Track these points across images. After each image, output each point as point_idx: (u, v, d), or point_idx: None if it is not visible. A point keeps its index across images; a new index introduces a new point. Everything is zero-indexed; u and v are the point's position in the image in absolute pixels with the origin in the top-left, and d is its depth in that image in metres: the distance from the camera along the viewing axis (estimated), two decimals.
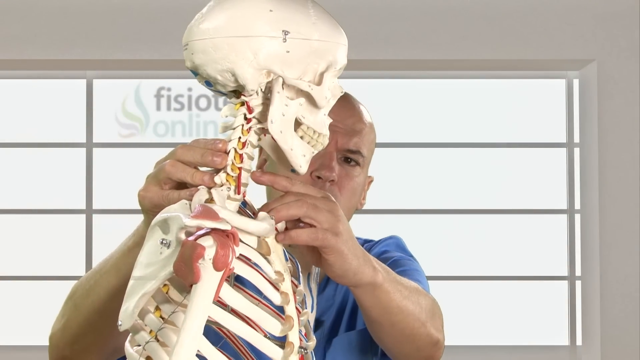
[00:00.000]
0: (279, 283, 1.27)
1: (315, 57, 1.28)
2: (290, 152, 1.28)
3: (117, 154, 4.40)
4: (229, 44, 1.24)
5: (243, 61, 1.25)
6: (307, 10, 1.28)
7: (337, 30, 1.32)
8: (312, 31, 1.27)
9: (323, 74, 1.29)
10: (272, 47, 1.25)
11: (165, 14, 4.21)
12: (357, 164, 1.79)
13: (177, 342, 1.16)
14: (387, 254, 1.84)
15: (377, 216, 4.30)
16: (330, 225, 1.34)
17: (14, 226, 4.37)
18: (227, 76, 1.27)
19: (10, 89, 4.40)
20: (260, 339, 1.22)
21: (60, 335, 1.59)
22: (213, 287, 1.16)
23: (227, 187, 1.27)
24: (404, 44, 4.25)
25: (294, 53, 1.26)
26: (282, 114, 1.26)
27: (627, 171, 4.25)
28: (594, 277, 4.28)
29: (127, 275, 1.28)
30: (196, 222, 1.17)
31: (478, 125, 4.44)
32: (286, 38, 1.25)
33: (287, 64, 1.26)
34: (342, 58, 1.32)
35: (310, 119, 1.29)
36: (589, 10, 4.25)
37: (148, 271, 1.20)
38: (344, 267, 1.37)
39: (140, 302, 1.20)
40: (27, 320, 4.28)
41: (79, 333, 1.56)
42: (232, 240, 1.18)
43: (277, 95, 1.26)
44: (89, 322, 1.54)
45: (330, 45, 1.29)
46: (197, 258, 1.14)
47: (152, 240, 1.21)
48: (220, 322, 1.20)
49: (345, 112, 1.79)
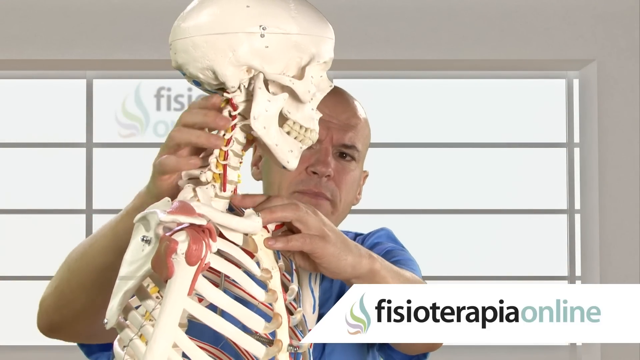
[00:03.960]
0: (267, 280, 1.26)
1: (296, 51, 1.27)
2: (275, 148, 1.28)
3: (117, 154, 4.40)
4: (208, 42, 1.25)
5: (222, 58, 1.25)
6: (287, 4, 1.27)
7: (321, 24, 1.30)
8: (291, 25, 1.26)
9: (305, 67, 1.28)
10: (250, 43, 1.25)
11: (165, 14, 4.20)
12: (353, 159, 1.79)
13: (152, 337, 1.16)
14: (380, 245, 1.84)
15: (377, 216, 4.30)
16: (318, 229, 1.34)
17: (14, 226, 4.37)
18: (208, 74, 1.27)
19: (10, 89, 4.40)
20: (240, 335, 1.22)
21: (51, 299, 1.56)
22: (187, 282, 1.16)
23: (212, 185, 1.27)
24: (404, 44, 4.25)
25: (274, 48, 1.25)
26: (265, 109, 1.26)
27: (627, 171, 4.24)
28: (594, 277, 4.27)
29: (123, 239, 1.27)
30: (171, 217, 1.17)
31: (478, 125, 4.44)
32: (264, 33, 1.25)
33: (266, 60, 1.26)
34: (326, 51, 1.30)
35: (297, 114, 1.29)
36: (589, 10, 4.25)
37: (131, 269, 1.20)
38: (340, 266, 1.36)
39: (124, 299, 1.21)
40: (27, 320, 4.26)
41: (70, 297, 1.53)
42: (207, 235, 1.18)
43: (258, 92, 1.25)
44: (81, 286, 1.51)
45: (312, 38, 1.28)
46: (170, 253, 1.15)
47: (136, 238, 1.22)
48: (198, 317, 1.20)
49: (340, 107, 1.79)
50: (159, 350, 1.16)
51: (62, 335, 1.61)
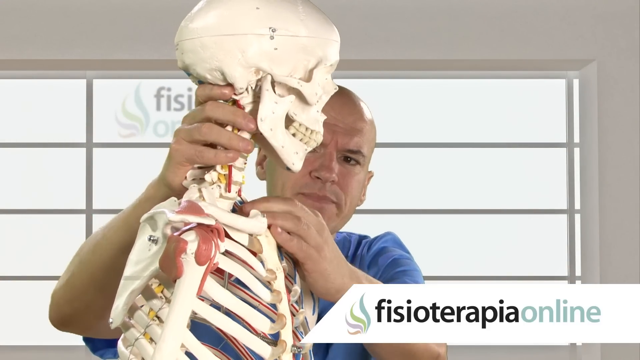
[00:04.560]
0: (271, 281, 1.27)
1: (304, 54, 1.27)
2: (281, 150, 1.28)
3: (117, 154, 4.40)
4: (217, 43, 1.24)
5: (231, 59, 1.24)
6: (295, 7, 1.27)
7: (328, 27, 1.30)
8: (300, 27, 1.26)
9: (312, 70, 1.28)
10: (259, 44, 1.24)
11: (165, 14, 4.21)
12: (358, 163, 1.79)
13: (161, 337, 1.16)
14: (387, 252, 1.84)
15: (377, 216, 4.30)
16: (316, 244, 1.34)
17: (14, 226, 4.38)
18: (217, 75, 1.26)
19: (10, 89, 4.40)
20: (247, 335, 1.22)
21: (63, 292, 1.56)
22: (196, 282, 1.16)
23: (218, 185, 1.28)
24: (404, 44, 4.25)
25: (282, 50, 1.25)
26: (272, 111, 1.26)
27: (627, 171, 4.25)
28: (594, 277, 4.28)
29: (135, 230, 1.27)
30: (180, 217, 1.17)
31: (478, 125, 4.44)
32: (273, 35, 1.25)
33: (275, 61, 1.26)
34: (333, 54, 1.30)
35: (303, 116, 1.29)
36: (589, 10, 4.25)
37: (137, 268, 1.20)
38: (327, 286, 1.37)
39: (130, 299, 1.21)
40: (27, 320, 4.28)
41: (81, 290, 1.53)
42: (216, 236, 1.18)
43: (266, 93, 1.25)
44: (92, 278, 1.50)
45: (319, 41, 1.28)
46: (180, 252, 1.15)
47: (142, 238, 1.22)
48: (206, 317, 1.20)
49: (346, 109, 1.78)
50: (168, 350, 1.16)
51: (73, 328, 1.61)
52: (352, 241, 1.91)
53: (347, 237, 1.92)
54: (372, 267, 1.82)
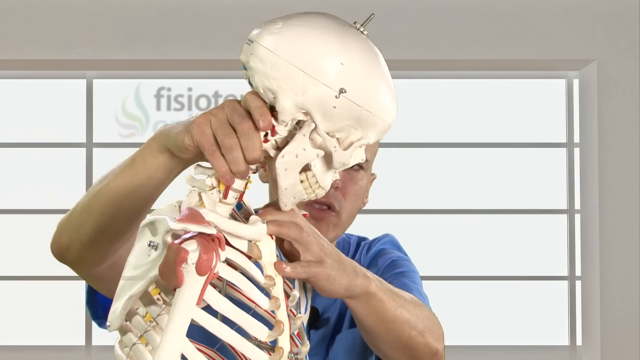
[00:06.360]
0: (270, 287, 1.27)
1: (355, 123, 1.27)
2: (283, 190, 1.29)
3: (117, 154, 4.39)
4: (288, 70, 1.23)
5: (290, 92, 1.24)
6: (376, 78, 1.26)
7: (391, 107, 1.29)
8: (369, 101, 1.25)
9: (353, 143, 1.28)
10: (323, 95, 1.24)
11: (165, 14, 4.21)
12: (361, 168, 1.80)
13: (160, 345, 1.16)
14: (385, 253, 1.85)
15: (377, 216, 4.30)
16: (315, 255, 1.36)
17: (14, 226, 4.37)
18: (269, 95, 1.25)
19: (10, 89, 4.40)
20: (244, 344, 1.22)
21: (64, 221, 1.56)
22: (196, 292, 1.16)
23: (218, 190, 1.28)
24: (404, 44, 4.25)
25: (340, 111, 1.25)
26: (296, 155, 1.26)
27: (627, 171, 4.24)
28: (594, 277, 4.28)
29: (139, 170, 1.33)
30: (181, 225, 1.17)
31: (478, 125, 4.44)
32: (341, 96, 1.24)
33: (327, 117, 1.25)
34: (377, 135, 1.29)
35: (319, 171, 1.29)
36: (589, 10, 4.25)
37: (136, 273, 1.20)
38: (333, 288, 1.39)
39: (128, 303, 1.21)
40: (27, 320, 4.28)
41: (79, 220, 1.51)
42: (217, 244, 1.18)
43: (301, 138, 1.26)
44: (92, 210, 1.49)
45: (375, 120, 1.27)
46: (181, 262, 1.14)
47: (141, 242, 1.22)
48: (205, 325, 1.20)
49: None
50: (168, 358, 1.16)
51: (68, 260, 1.60)
52: (352, 243, 1.93)
53: (346, 238, 1.94)
54: (371, 268, 1.84)
